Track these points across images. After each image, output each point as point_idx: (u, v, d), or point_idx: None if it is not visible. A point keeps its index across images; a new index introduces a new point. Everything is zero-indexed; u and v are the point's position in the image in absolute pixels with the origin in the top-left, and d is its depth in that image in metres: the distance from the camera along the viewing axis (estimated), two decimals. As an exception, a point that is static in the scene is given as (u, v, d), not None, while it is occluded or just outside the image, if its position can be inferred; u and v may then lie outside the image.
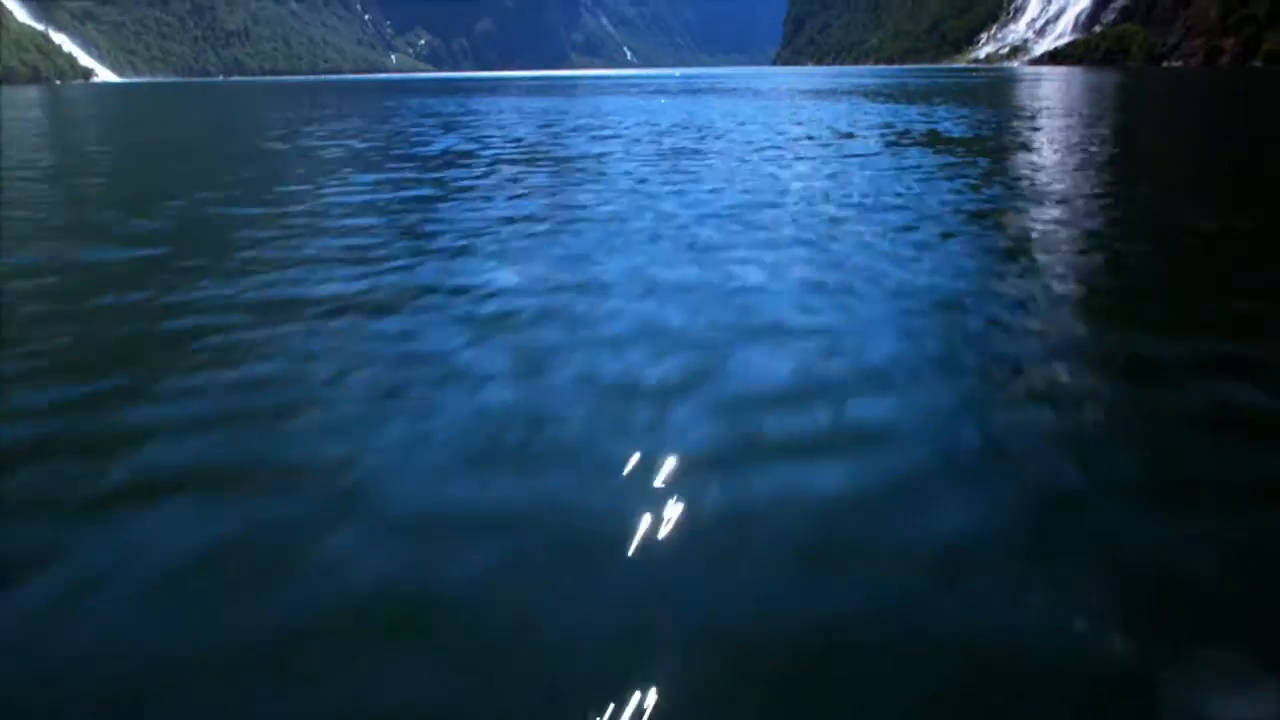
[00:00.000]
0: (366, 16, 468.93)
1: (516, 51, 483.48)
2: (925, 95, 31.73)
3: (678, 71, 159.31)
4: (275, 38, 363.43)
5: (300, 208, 8.21)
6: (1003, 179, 9.50)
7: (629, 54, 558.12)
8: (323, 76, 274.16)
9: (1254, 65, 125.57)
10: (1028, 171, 10.06)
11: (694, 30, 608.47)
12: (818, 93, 36.05)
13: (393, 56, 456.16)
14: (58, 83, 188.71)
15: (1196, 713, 1.72)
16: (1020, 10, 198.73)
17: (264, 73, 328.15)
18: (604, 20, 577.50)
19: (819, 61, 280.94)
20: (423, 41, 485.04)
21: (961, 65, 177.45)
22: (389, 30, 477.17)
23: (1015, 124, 17.43)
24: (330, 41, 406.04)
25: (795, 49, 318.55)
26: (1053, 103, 26.48)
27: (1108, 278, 5.34)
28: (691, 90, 42.24)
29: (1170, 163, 12.26)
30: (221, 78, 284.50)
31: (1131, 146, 13.95)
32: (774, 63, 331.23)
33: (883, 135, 14.62)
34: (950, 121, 17.97)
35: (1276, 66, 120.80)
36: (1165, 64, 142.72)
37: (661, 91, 41.37)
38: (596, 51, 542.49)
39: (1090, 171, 9.91)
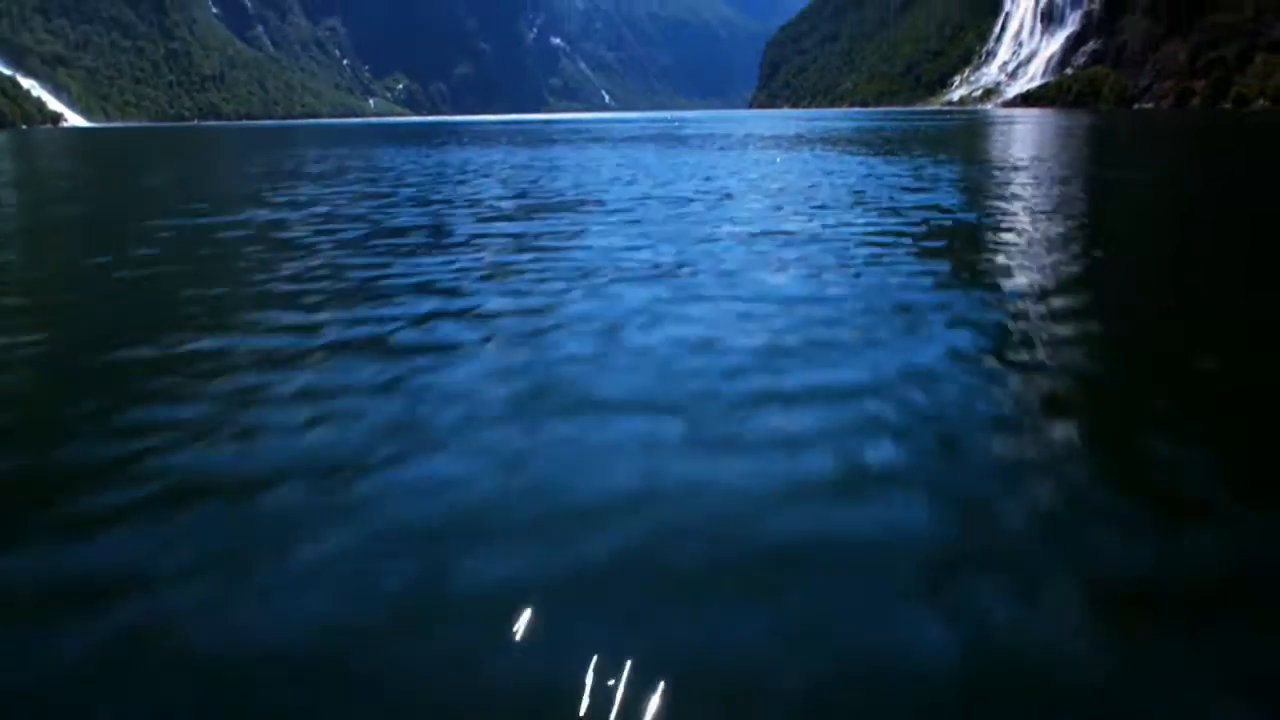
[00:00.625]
0: (345, 61, 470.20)
1: (495, 95, 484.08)
2: (904, 144, 28.39)
3: (645, 115, 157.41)
4: (251, 82, 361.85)
5: None
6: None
7: (607, 97, 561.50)
8: (298, 121, 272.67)
9: (1224, 107, 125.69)
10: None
11: (671, 74, 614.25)
12: (782, 141, 32.16)
13: (371, 101, 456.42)
14: (24, 128, 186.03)
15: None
16: (992, 54, 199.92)
17: (239, 117, 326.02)
18: (582, 65, 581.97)
19: (795, 104, 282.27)
20: (401, 86, 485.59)
21: (935, 108, 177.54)
22: (367, 75, 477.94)
23: (1025, 197, 12.88)
24: (308, 86, 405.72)
25: (771, 92, 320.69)
26: (1042, 153, 22.95)
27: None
28: (640, 138, 39.11)
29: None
30: (196, 122, 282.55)
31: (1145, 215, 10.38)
32: (750, 105, 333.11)
33: (853, 231, 9.34)
34: (944, 188, 13.78)
35: (1246, 109, 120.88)
36: (1136, 106, 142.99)
37: (603, 139, 38.16)
38: (574, 95, 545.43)
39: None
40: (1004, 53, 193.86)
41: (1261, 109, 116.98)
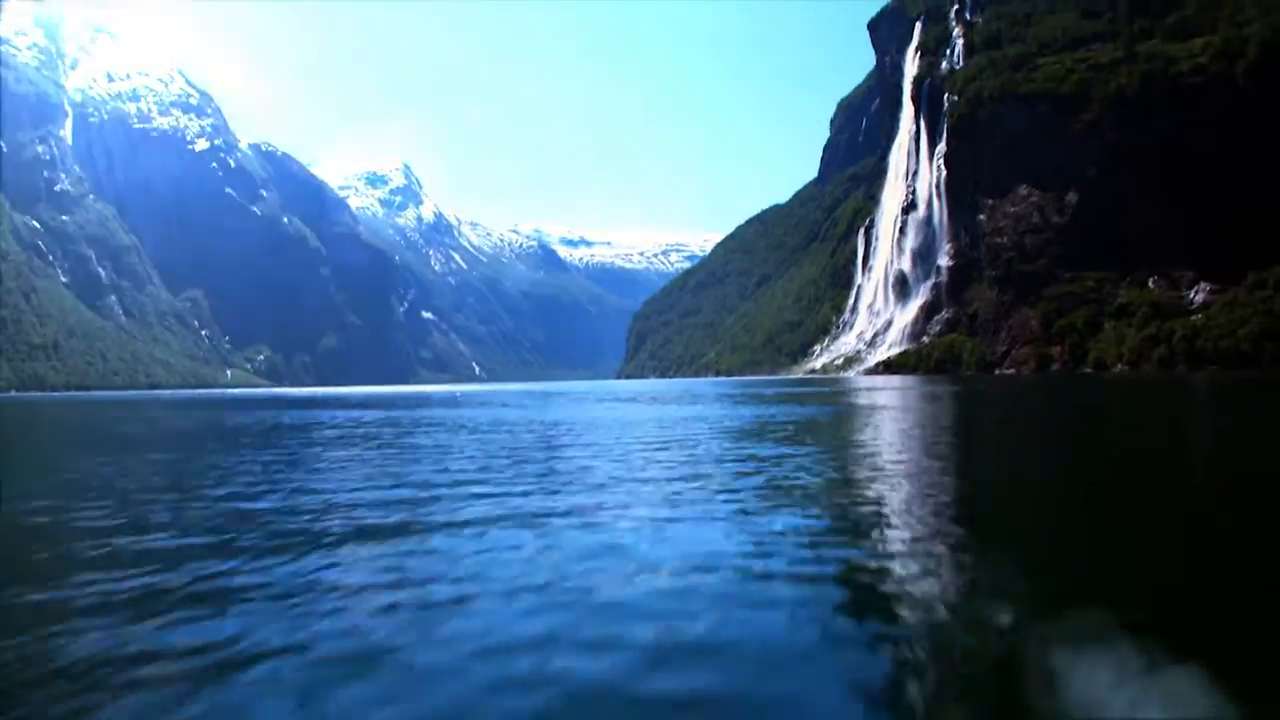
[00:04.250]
0: (204, 332, 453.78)
1: (362, 367, 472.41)
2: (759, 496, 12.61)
3: (467, 388, 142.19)
4: (91, 352, 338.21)
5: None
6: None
7: (477, 369, 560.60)
8: (126, 393, 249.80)
9: (1086, 371, 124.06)
10: None
11: (542, 347, 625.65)
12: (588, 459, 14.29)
13: (229, 372, 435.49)
14: None
15: None
16: (849, 324, 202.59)
17: (69, 388, 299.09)
18: (454, 338, 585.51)
19: (662, 374, 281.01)
20: (261, 357, 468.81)
21: (798, 376, 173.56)
22: (227, 346, 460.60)
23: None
24: (157, 357, 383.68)
25: (639, 363, 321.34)
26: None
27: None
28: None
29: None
30: (15, 393, 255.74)
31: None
32: (618, 376, 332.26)
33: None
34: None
35: (1107, 372, 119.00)
36: (998, 371, 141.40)
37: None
38: (445, 367, 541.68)
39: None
40: (861, 323, 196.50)
41: (1122, 373, 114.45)
